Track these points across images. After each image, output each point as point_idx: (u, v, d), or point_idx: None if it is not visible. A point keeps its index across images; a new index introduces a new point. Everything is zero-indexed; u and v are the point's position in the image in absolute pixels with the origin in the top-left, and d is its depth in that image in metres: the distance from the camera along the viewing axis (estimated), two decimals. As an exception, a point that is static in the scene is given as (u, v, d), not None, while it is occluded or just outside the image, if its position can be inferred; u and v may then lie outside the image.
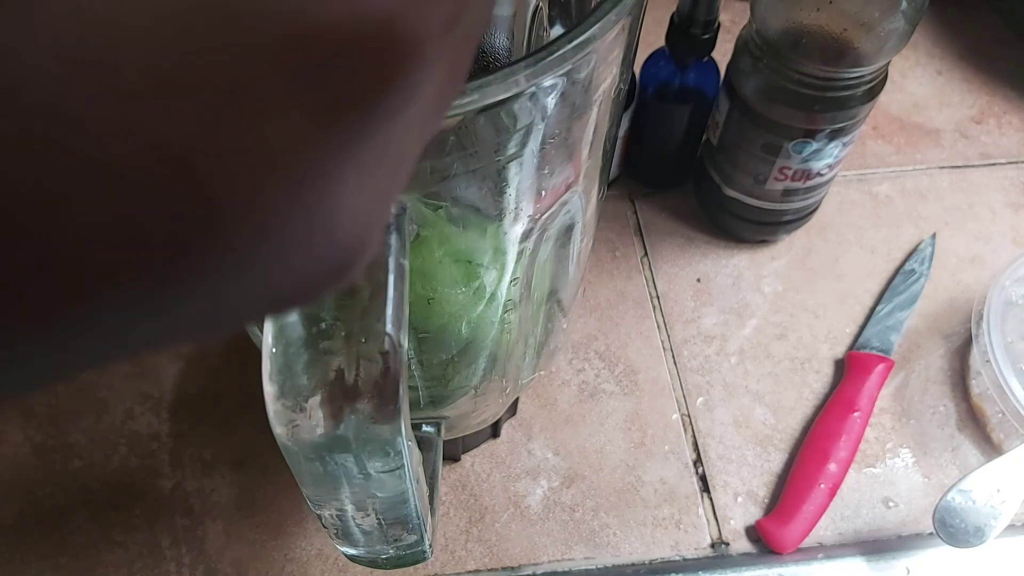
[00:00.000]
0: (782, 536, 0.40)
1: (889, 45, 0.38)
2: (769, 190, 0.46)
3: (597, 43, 0.19)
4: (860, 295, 0.49)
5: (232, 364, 0.46)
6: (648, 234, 0.52)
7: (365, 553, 0.27)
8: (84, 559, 0.40)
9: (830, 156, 0.44)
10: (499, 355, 0.31)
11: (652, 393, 0.45)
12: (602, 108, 0.24)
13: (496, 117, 0.19)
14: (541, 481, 0.42)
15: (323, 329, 0.20)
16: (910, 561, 0.40)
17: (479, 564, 0.40)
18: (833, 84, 0.40)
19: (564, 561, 0.40)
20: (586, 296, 0.49)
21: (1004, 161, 0.56)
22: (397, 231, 0.20)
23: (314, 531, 0.41)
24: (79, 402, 0.44)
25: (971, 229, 0.52)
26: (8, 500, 0.41)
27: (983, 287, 0.44)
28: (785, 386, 0.46)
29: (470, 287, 0.26)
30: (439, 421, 0.35)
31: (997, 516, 0.37)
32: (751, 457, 0.43)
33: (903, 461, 0.43)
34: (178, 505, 0.41)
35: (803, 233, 0.51)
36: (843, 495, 0.42)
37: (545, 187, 0.24)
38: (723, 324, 0.48)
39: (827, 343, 0.47)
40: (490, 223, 0.24)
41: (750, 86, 0.42)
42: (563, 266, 0.31)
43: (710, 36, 0.45)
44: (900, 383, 0.46)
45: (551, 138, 0.22)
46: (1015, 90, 0.59)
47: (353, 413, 0.20)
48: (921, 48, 0.62)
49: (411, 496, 0.24)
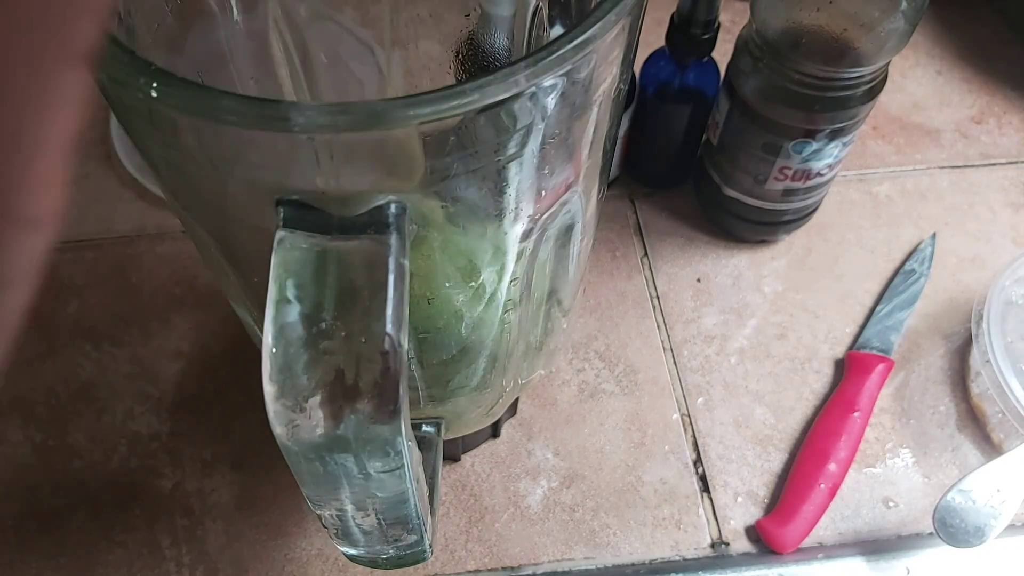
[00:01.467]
0: (782, 536, 0.40)
1: (889, 45, 0.38)
2: (769, 190, 0.46)
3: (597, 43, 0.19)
4: (860, 295, 0.49)
5: (232, 364, 0.46)
6: (648, 234, 0.52)
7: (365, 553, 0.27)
8: (84, 559, 0.40)
9: (830, 156, 0.44)
10: (499, 355, 0.31)
11: (652, 393, 0.45)
12: (602, 108, 0.24)
13: (496, 117, 0.19)
14: (541, 481, 0.42)
15: (323, 329, 0.20)
16: (910, 561, 0.40)
17: (479, 564, 0.40)
18: (833, 84, 0.40)
19: (564, 561, 0.40)
20: (586, 296, 0.49)
21: (1004, 161, 0.56)
22: (397, 231, 0.20)
23: (314, 531, 0.41)
24: (79, 402, 0.44)
25: (971, 229, 0.52)
26: (8, 500, 0.41)
27: (983, 287, 0.44)
28: (785, 386, 0.46)
29: (470, 287, 0.26)
30: (439, 421, 0.35)
31: (997, 516, 0.37)
32: (751, 457, 0.43)
33: (903, 461, 0.43)
34: (178, 505, 0.41)
35: (803, 233, 0.51)
36: (843, 495, 0.42)
37: (545, 187, 0.24)
38: (723, 324, 0.48)
39: (827, 343, 0.47)
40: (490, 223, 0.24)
41: (750, 86, 0.42)
42: (563, 266, 0.31)
43: (710, 36, 0.45)
44: (900, 383, 0.46)
45: (551, 138, 0.22)
46: (1015, 90, 0.59)
47: (353, 413, 0.20)
48: (921, 48, 0.62)
49: (411, 496, 0.24)
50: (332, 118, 0.17)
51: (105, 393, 0.45)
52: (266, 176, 0.20)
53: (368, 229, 0.20)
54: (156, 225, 0.51)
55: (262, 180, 0.20)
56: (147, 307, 0.48)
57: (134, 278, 0.49)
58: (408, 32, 0.33)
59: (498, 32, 0.32)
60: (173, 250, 0.50)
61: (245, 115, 0.17)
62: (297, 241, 0.20)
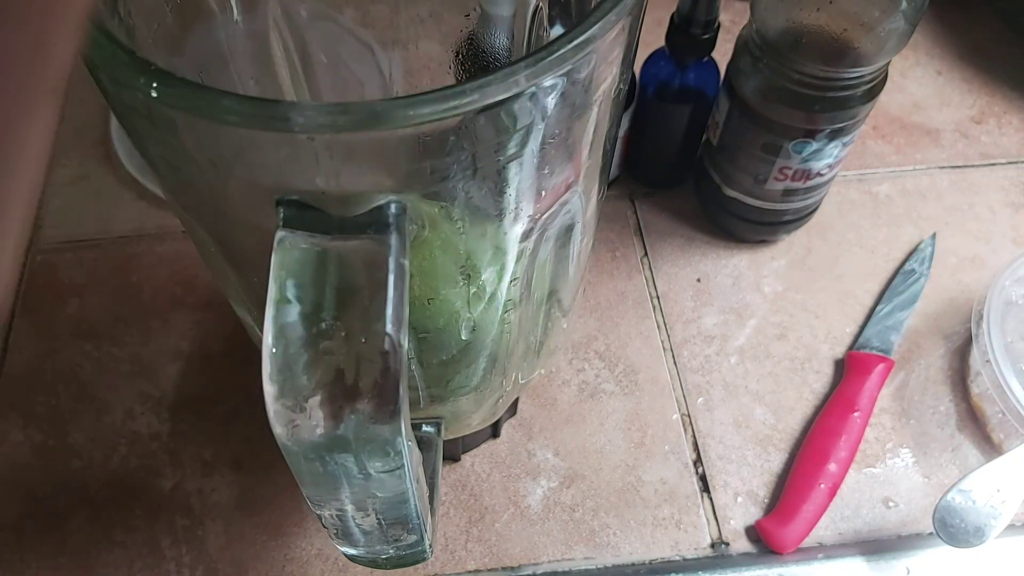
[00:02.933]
0: (782, 536, 0.40)
1: (889, 45, 0.38)
2: (769, 190, 0.46)
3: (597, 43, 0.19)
4: (860, 295, 0.49)
5: (232, 364, 0.46)
6: (648, 234, 0.52)
7: (365, 553, 0.27)
8: (84, 559, 0.40)
9: (830, 156, 0.44)
10: (499, 355, 0.31)
11: (652, 393, 0.45)
12: (602, 108, 0.24)
13: (496, 117, 0.19)
14: (541, 481, 0.42)
15: (323, 329, 0.20)
16: (910, 561, 0.40)
17: (479, 564, 0.40)
18: (833, 84, 0.40)
19: (564, 561, 0.40)
20: (586, 296, 0.49)
21: (1004, 161, 0.56)
22: (397, 231, 0.20)
23: (314, 531, 0.41)
24: (79, 402, 0.44)
25: (971, 229, 0.52)
26: (8, 500, 0.41)
27: (983, 287, 0.44)
28: (785, 386, 0.46)
29: (470, 287, 0.26)
30: (439, 421, 0.35)
31: (997, 516, 0.37)
32: (751, 457, 0.43)
33: (903, 461, 0.43)
34: (178, 505, 0.41)
35: (803, 233, 0.51)
36: (843, 495, 0.42)
37: (545, 187, 0.24)
38: (723, 324, 0.48)
39: (827, 343, 0.47)
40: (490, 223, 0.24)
41: (750, 86, 0.42)
42: (563, 266, 0.31)
43: (710, 36, 0.45)
44: (900, 383, 0.46)
45: (551, 138, 0.22)
46: (1015, 90, 0.59)
47: (353, 413, 0.20)
48: (921, 48, 0.62)
49: (411, 496, 0.24)
50: (332, 118, 0.17)
51: (105, 393, 0.45)
52: (266, 176, 0.20)
53: (368, 229, 0.20)
54: (156, 225, 0.51)
55: (262, 180, 0.20)
56: (147, 307, 0.48)
57: (134, 278, 0.49)
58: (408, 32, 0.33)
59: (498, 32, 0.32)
60: (173, 250, 0.50)
61: (245, 115, 0.17)
62: (297, 241, 0.20)
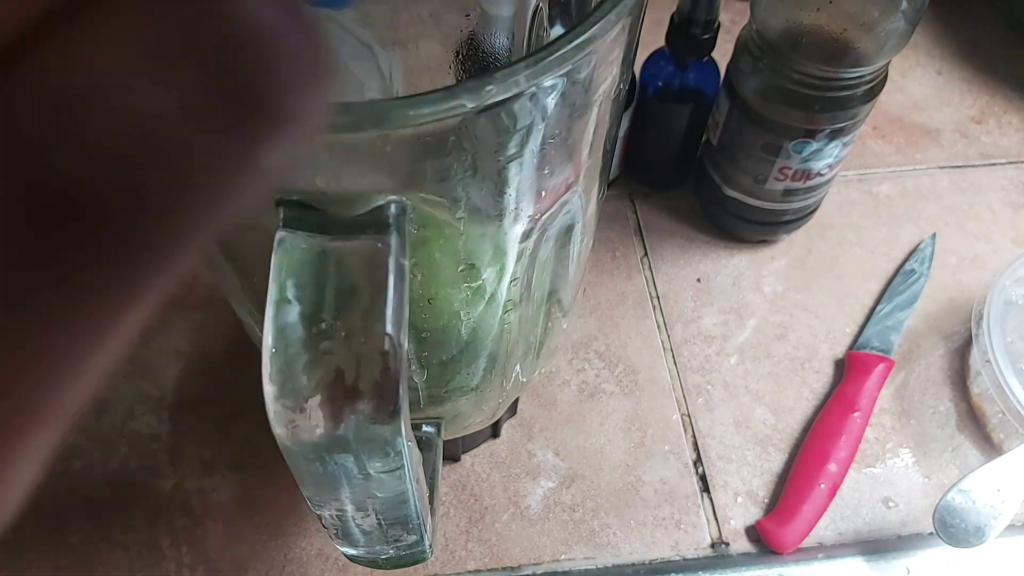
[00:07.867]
0: (782, 536, 0.40)
1: (889, 45, 0.38)
2: (769, 190, 0.46)
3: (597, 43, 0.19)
4: (860, 295, 0.49)
5: (232, 364, 0.46)
6: (648, 234, 0.52)
7: (365, 553, 0.27)
8: (84, 559, 0.40)
9: (830, 156, 0.44)
10: (499, 355, 0.31)
11: (652, 393, 0.45)
12: (602, 108, 0.24)
13: (496, 117, 0.19)
14: (541, 481, 0.42)
15: (323, 329, 0.20)
16: (910, 561, 0.40)
17: (479, 564, 0.40)
18: (833, 84, 0.40)
19: (564, 561, 0.40)
20: (586, 296, 0.49)
21: (1004, 161, 0.56)
22: (397, 231, 0.20)
23: (314, 531, 0.41)
24: (79, 402, 0.44)
25: (971, 229, 0.52)
26: (8, 500, 0.41)
27: (983, 287, 0.44)
28: (785, 386, 0.46)
29: (470, 287, 0.26)
30: (439, 421, 0.35)
31: (997, 516, 0.37)
32: (751, 457, 0.43)
33: (903, 461, 0.43)
34: (178, 505, 0.41)
35: (803, 233, 0.51)
36: (843, 495, 0.42)
37: (545, 187, 0.24)
38: (723, 324, 0.48)
39: (827, 343, 0.47)
40: (490, 223, 0.24)
41: (750, 86, 0.42)
42: (563, 266, 0.31)
43: (710, 36, 0.45)
44: (900, 383, 0.46)
45: (551, 138, 0.22)
46: (1015, 90, 0.59)
47: (353, 413, 0.20)
48: (921, 48, 0.62)
49: (411, 496, 0.24)
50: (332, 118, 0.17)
51: (105, 393, 0.45)
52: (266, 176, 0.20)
53: (368, 229, 0.20)
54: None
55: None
56: (147, 307, 0.48)
57: (134, 278, 0.49)
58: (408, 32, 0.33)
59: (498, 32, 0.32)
60: (173, 250, 0.50)
61: (245, 115, 0.17)
62: (297, 241, 0.20)
